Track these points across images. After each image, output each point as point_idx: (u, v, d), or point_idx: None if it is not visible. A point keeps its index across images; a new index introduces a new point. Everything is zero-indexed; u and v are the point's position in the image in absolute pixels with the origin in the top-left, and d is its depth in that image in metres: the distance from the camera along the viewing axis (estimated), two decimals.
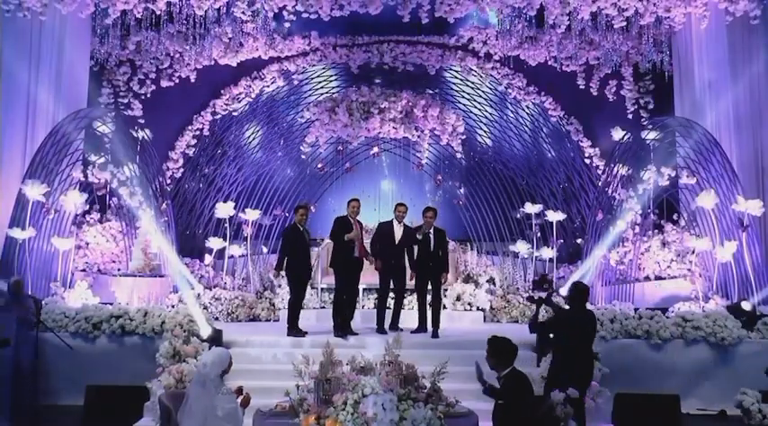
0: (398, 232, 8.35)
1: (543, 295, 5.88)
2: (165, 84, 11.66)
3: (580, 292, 5.62)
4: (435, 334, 8.00)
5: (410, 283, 8.49)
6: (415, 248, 8.30)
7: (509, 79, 11.96)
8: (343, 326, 7.91)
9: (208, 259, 10.51)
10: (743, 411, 6.82)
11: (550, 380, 5.48)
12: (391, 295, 8.50)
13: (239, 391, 4.88)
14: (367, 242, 8.50)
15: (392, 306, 8.48)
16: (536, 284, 6.06)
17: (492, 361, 4.84)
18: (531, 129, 12.06)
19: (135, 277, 9.47)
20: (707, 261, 9.34)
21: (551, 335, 5.73)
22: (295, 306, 8.00)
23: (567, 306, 5.83)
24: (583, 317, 5.59)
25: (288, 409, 4.72)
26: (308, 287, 9.54)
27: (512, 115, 12.10)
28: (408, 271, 8.40)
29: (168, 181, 11.09)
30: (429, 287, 8.32)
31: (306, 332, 7.84)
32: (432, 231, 8.22)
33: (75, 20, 9.78)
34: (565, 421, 5.76)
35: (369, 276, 9.50)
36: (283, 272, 8.06)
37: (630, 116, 11.71)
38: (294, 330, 7.84)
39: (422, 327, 8.21)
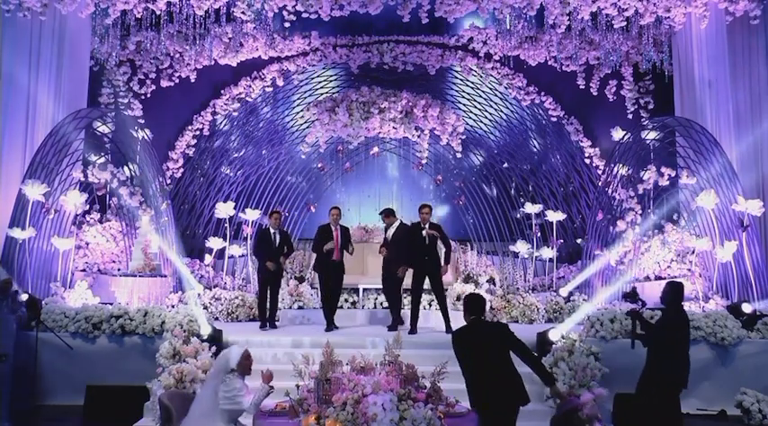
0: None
1: (636, 307, 5.80)
2: (165, 84, 11.67)
3: (677, 292, 5.57)
4: (448, 330, 7.98)
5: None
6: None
7: (509, 79, 11.96)
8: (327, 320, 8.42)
9: (208, 259, 10.52)
10: (743, 411, 6.84)
11: (645, 381, 5.50)
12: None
13: (269, 377, 4.89)
14: (375, 243, 8.51)
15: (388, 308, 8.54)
16: (627, 297, 5.96)
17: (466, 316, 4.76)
18: (530, 129, 12.05)
19: (135, 277, 9.46)
20: (707, 261, 9.33)
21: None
22: (262, 303, 8.66)
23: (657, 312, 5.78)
24: (680, 318, 5.56)
25: (288, 409, 4.72)
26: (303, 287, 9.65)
27: (512, 115, 12.09)
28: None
29: (168, 182, 11.09)
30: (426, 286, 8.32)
31: (275, 326, 8.55)
32: (427, 227, 8.25)
33: (75, 20, 9.77)
34: (590, 423, 5.69)
35: (370, 276, 9.53)
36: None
37: (630, 116, 11.72)
38: (263, 323, 8.52)
39: (413, 328, 8.15)
